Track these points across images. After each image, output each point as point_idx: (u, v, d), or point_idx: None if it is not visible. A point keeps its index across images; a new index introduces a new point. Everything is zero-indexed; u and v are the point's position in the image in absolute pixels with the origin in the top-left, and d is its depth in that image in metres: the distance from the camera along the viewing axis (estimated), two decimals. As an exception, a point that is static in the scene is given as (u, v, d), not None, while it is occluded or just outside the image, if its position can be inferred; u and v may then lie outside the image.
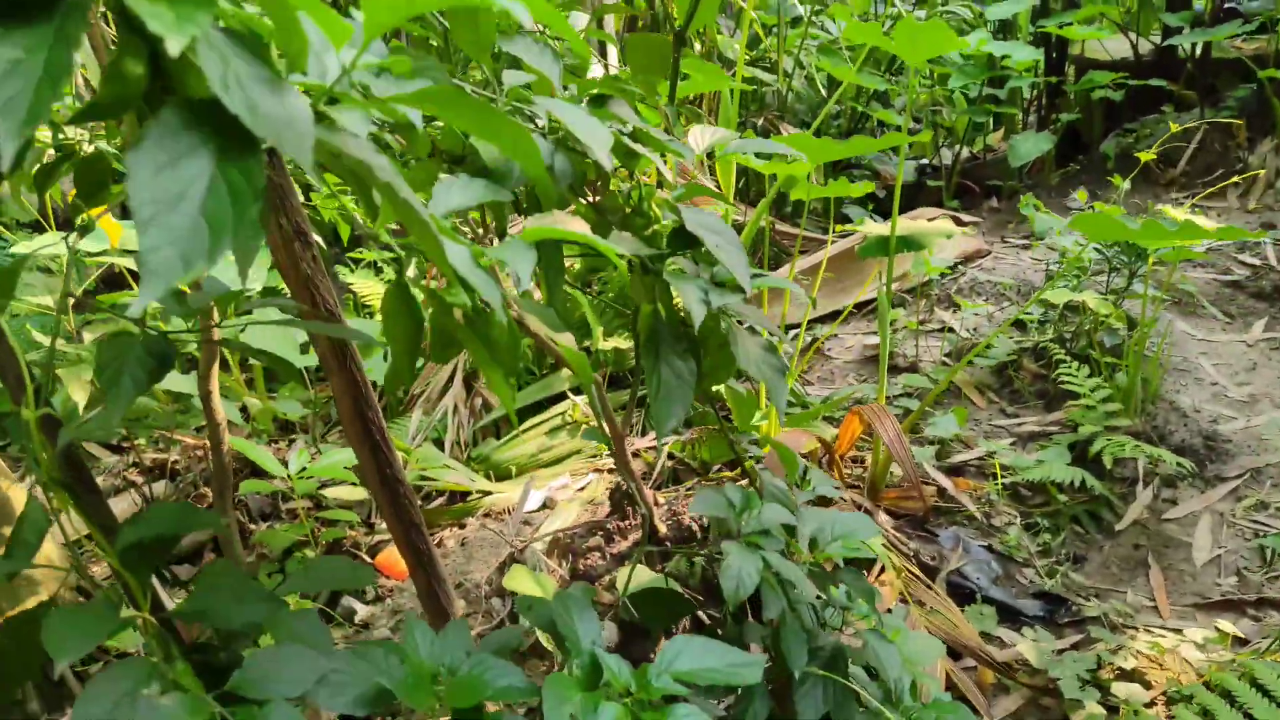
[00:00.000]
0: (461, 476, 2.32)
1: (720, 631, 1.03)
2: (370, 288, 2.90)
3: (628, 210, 0.99)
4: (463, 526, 2.25)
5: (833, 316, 3.42)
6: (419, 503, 2.33)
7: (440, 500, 2.35)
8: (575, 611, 0.87)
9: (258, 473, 2.32)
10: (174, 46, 0.37)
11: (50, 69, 0.37)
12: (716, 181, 2.47)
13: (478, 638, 1.61)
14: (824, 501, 1.93)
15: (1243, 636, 1.69)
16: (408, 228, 0.54)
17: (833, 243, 3.44)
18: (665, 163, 1.07)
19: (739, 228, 3.62)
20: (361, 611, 2.03)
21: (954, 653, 1.69)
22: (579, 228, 0.70)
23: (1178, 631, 1.73)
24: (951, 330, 3.12)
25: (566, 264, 0.96)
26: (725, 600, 0.85)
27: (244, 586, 0.77)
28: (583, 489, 2.36)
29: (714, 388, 1.03)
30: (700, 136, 1.12)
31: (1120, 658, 1.63)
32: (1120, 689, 1.53)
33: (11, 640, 0.63)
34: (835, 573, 0.99)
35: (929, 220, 3.48)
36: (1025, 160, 4.01)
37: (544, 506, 2.31)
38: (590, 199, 1.00)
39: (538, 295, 0.93)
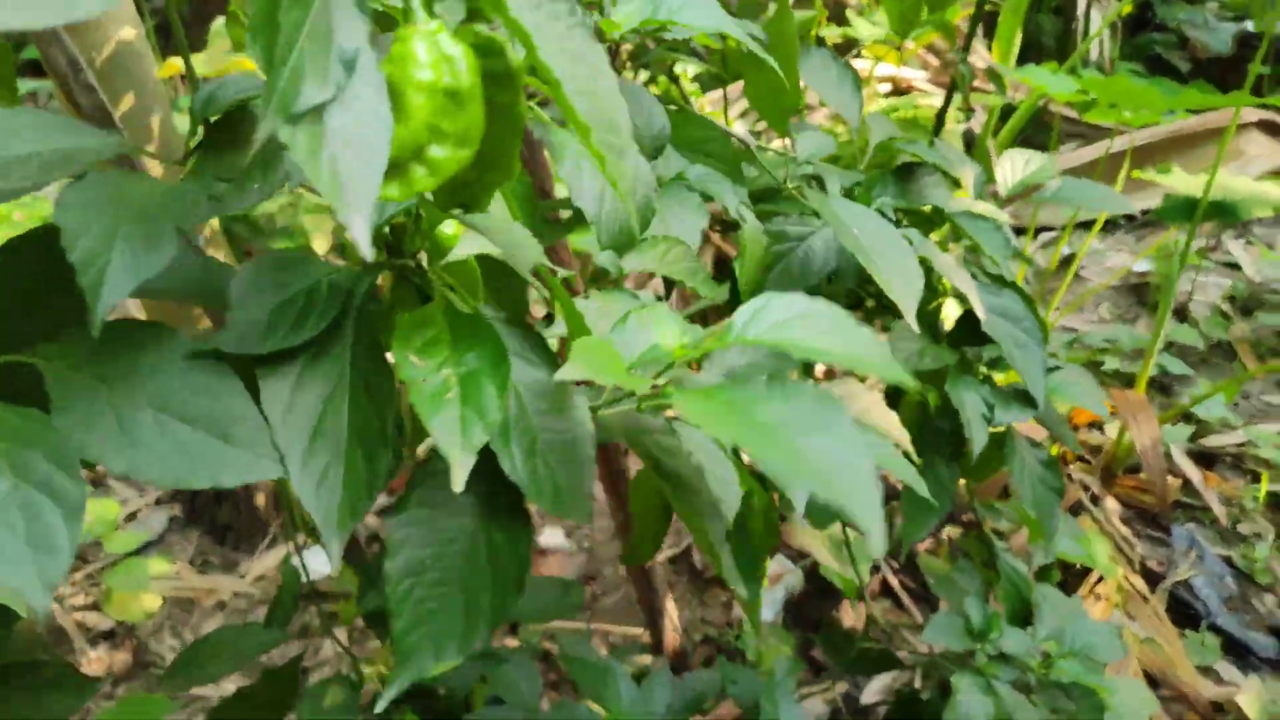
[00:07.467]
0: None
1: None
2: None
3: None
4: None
5: (1104, 225, 3.02)
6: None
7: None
8: (783, 704, 0.85)
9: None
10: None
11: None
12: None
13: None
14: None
15: None
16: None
17: (1121, 133, 2.97)
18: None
19: (1011, 108, 3.19)
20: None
21: (1154, 679, 1.57)
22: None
23: None
24: (1239, 269, 2.69)
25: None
26: (944, 740, 0.80)
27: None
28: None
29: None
30: (1012, 165, 0.94)
31: (1361, 738, 1.46)
32: (1353, 782, 1.38)
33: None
34: (1068, 687, 0.91)
35: (1247, 126, 2.92)
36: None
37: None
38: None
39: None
